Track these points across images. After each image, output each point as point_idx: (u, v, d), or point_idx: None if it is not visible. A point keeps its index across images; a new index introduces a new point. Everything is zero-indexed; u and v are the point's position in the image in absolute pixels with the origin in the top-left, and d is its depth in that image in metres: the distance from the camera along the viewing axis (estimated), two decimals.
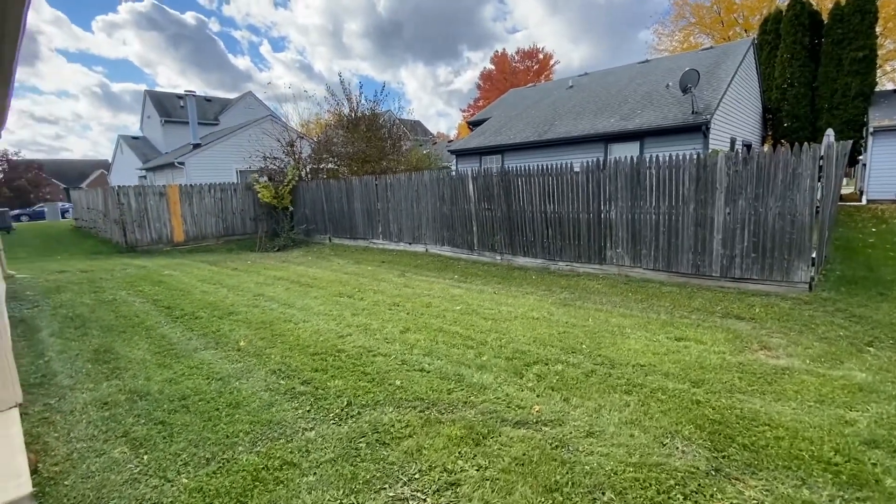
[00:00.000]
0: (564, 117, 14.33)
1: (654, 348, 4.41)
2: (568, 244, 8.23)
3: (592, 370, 3.91)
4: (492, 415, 3.14)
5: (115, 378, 3.74)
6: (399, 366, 4.04)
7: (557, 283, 7.50)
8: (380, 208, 12.17)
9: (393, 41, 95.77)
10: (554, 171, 8.22)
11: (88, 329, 5.15)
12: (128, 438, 2.81)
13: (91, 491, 2.30)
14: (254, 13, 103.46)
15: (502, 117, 17.11)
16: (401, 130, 18.03)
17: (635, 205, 7.27)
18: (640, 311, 5.83)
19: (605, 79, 16.51)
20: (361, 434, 2.87)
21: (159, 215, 14.39)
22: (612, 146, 12.26)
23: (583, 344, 4.59)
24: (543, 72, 38.65)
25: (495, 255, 9.51)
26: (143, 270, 9.72)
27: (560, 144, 13.19)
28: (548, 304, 6.31)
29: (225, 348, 4.52)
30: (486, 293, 7.06)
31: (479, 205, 9.65)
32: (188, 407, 3.20)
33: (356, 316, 5.72)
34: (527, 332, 5.01)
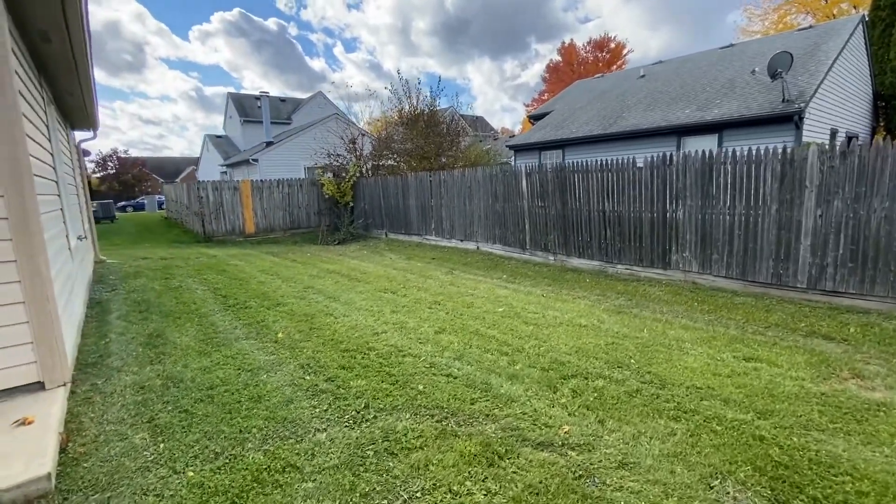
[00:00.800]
0: (633, 109, 13.36)
1: (716, 368, 3.86)
2: (628, 246, 7.60)
3: (638, 389, 3.49)
4: (513, 432, 2.87)
5: (157, 363, 3.95)
6: (426, 369, 3.87)
7: (613, 288, 6.95)
8: (433, 205, 12.12)
9: (460, 37, 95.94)
10: (614, 166, 7.62)
11: (150, 314, 5.55)
12: (151, 425, 2.90)
13: (105, 476, 2.38)
14: (328, 16, 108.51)
15: (565, 110, 16.36)
16: (460, 126, 17.87)
17: (706, 204, 6.52)
18: (705, 323, 5.20)
19: (682, 66, 15.17)
20: (372, 441, 2.74)
21: (233, 208, 15.44)
22: (685, 140, 11.22)
23: (632, 358, 4.14)
24: (615, 62, 36.58)
25: (548, 255, 9.06)
26: (213, 260, 10.42)
27: (627, 138, 12.31)
28: (599, 310, 5.84)
29: (263, 339, 4.63)
30: (533, 295, 6.70)
31: (533, 202, 9.23)
32: (213, 397, 3.27)
33: (395, 313, 5.65)
34: (570, 340, 4.63)
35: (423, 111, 16.40)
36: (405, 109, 16.74)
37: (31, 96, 3.67)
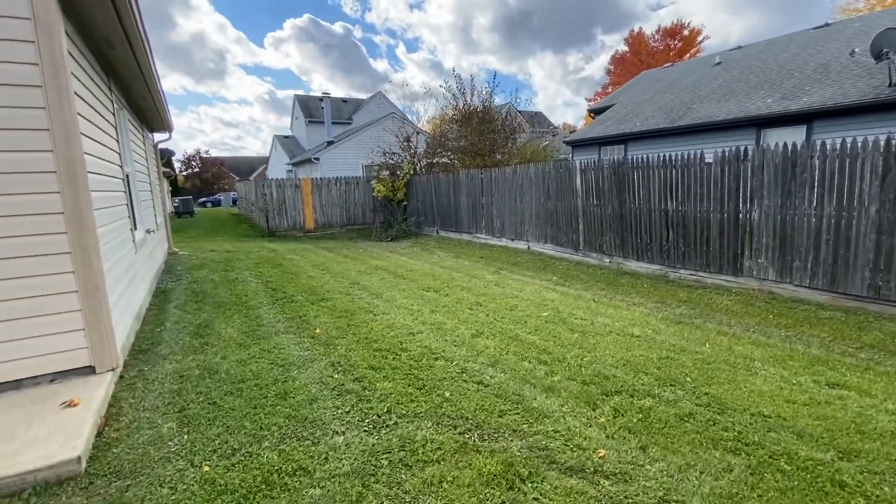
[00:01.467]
0: (706, 100, 12.26)
1: (790, 394, 3.34)
2: (693, 249, 6.93)
3: (691, 413, 3.09)
4: (541, 452, 2.62)
5: (200, 353, 4.11)
6: (457, 374, 3.70)
7: (675, 296, 6.37)
8: (484, 202, 11.89)
9: (521, 32, 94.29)
10: (679, 162, 6.97)
11: (204, 304, 5.85)
12: (181, 415, 2.99)
13: (129, 463, 2.46)
14: (391, 17, 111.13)
15: (629, 103, 15.40)
16: (516, 122, 17.43)
17: (787, 204, 5.75)
18: (780, 339, 4.58)
19: (765, 51, 13.70)
20: (388, 449, 2.61)
21: (294, 205, 16.17)
22: (766, 132, 10.08)
23: (688, 376, 3.70)
24: (688, 50, 34.00)
25: (603, 256, 8.52)
26: (272, 254, 10.93)
27: (697, 131, 11.31)
28: (656, 319, 5.35)
29: (302, 334, 4.69)
30: (582, 300, 6.30)
31: (587, 200, 8.72)
32: (242, 391, 3.31)
33: (434, 313, 5.53)
34: (619, 351, 4.25)
35: (476, 108, 16.18)
36: (459, 106, 16.62)
37: (95, 98, 3.94)
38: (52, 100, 2.94)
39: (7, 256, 2.95)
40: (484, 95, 16.29)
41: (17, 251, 2.97)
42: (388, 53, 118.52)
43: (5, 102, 2.85)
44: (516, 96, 44.50)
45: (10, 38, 2.81)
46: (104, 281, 3.29)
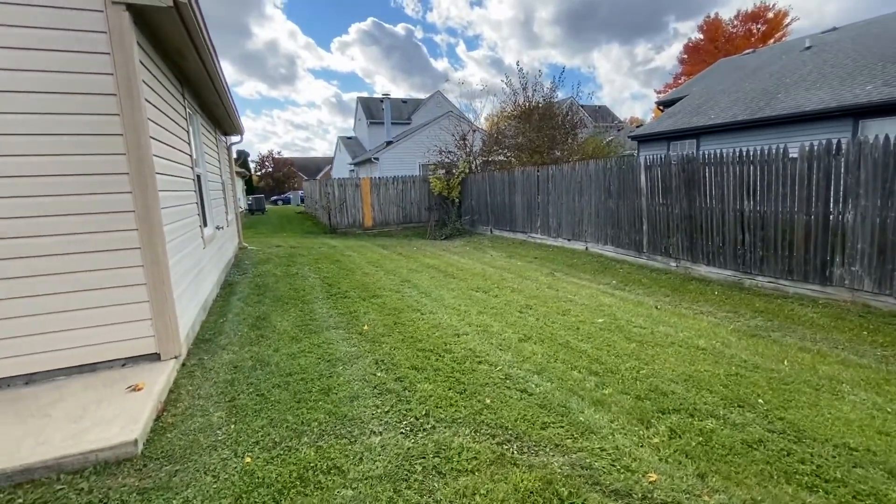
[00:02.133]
0: (793, 88, 11.06)
1: (884, 424, 2.89)
2: (772, 254, 6.26)
3: (762, 439, 2.75)
4: (584, 470, 2.44)
5: (255, 345, 4.31)
6: (500, 380, 3.58)
7: (749, 305, 5.79)
8: (540, 201, 11.55)
9: (585, 23, 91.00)
10: (758, 157, 6.32)
11: (264, 297, 6.17)
12: (231, 404, 3.13)
13: (180, 449, 2.60)
14: (452, 15, 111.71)
15: (702, 94, 14.28)
16: (577, 118, 16.79)
17: (888, 205, 5.01)
18: (875, 360, 4.00)
19: (865, 32, 12.10)
20: (423, 454, 2.56)
21: (354, 203, 16.73)
22: (865, 123, 8.90)
23: (760, 397, 3.32)
24: (773, 35, 30.91)
25: (669, 260, 7.95)
26: (332, 250, 11.35)
27: (781, 123, 10.24)
28: (726, 330, 4.89)
29: (350, 330, 4.78)
30: (643, 306, 5.90)
31: (652, 199, 8.18)
32: (289, 385, 3.42)
33: (482, 314, 5.42)
34: (680, 365, 3.91)
35: (537, 104, 15.77)
36: (519, 102, 16.30)
37: (167, 104, 4.26)
38: (125, 106, 3.19)
39: (85, 251, 3.26)
40: (545, 90, 15.85)
41: (93, 246, 3.27)
42: (449, 52, 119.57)
43: (85, 109, 3.14)
44: (578, 90, 42.89)
45: (88, 51, 3.09)
46: (170, 274, 3.54)
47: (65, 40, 3.06)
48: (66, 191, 3.17)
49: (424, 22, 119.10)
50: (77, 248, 3.24)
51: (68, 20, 3.06)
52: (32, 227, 3.12)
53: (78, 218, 3.22)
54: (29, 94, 3.03)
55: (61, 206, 3.17)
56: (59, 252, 3.20)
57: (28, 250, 3.13)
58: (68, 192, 3.18)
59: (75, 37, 3.08)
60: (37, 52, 3.02)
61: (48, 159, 3.12)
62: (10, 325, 3.13)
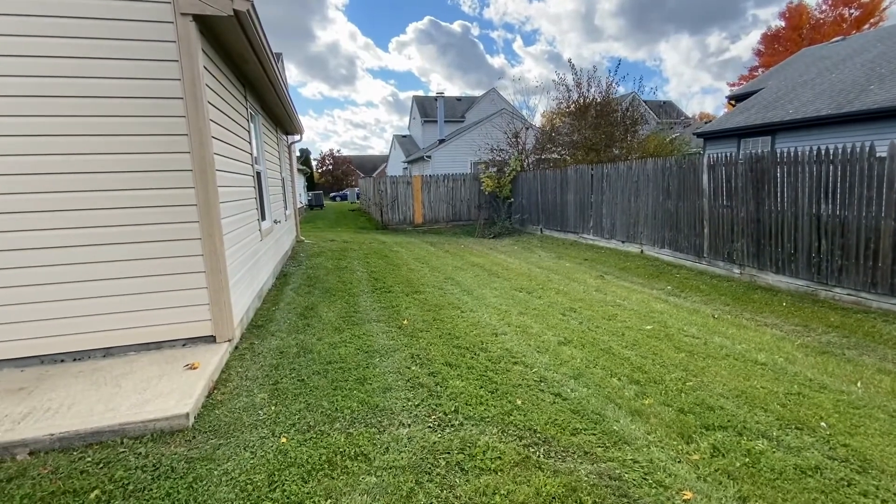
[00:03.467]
0: (889, 79, 9.87)
1: None
2: (853, 264, 5.65)
3: (818, 466, 2.51)
4: (612, 481, 2.35)
5: (301, 333, 4.55)
6: (534, 383, 3.52)
7: (823, 319, 5.28)
8: (593, 201, 11.17)
9: (651, 13, 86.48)
10: (839, 156, 5.73)
11: (314, 289, 6.47)
12: (274, 387, 3.33)
13: (225, 425, 2.81)
14: (510, 11, 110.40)
15: (779, 87, 13.11)
16: (638, 114, 16.00)
17: None
18: None
19: None
20: (448, 449, 2.59)
21: (406, 200, 17.06)
22: None
23: (823, 420, 3.02)
24: (868, 20, 27.63)
25: (732, 266, 7.40)
26: (382, 245, 11.67)
27: (873, 119, 9.19)
28: (792, 345, 4.49)
29: (391, 324, 4.90)
30: (698, 315, 5.56)
31: (715, 201, 7.65)
32: (328, 372, 3.57)
33: (522, 315, 5.35)
34: (733, 379, 3.65)
35: (594, 99, 15.22)
36: (574, 98, 15.81)
37: (229, 106, 4.58)
38: (190, 109, 3.48)
39: (153, 240, 3.60)
40: (604, 85, 15.24)
41: (161, 235, 3.60)
42: (505, 48, 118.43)
43: (156, 112, 3.47)
44: (641, 85, 40.83)
45: (160, 59, 3.40)
46: (226, 264, 3.82)
47: (141, 50, 3.40)
48: (137, 185, 3.52)
49: (481, 18, 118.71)
50: (147, 236, 3.59)
51: (144, 31, 3.39)
52: (111, 217, 3.49)
53: (148, 210, 3.56)
54: (111, 98, 3.39)
55: (133, 199, 3.53)
56: (131, 241, 3.56)
57: (107, 237, 3.51)
58: (139, 187, 3.53)
59: (149, 46, 3.41)
60: (118, 61, 3.37)
61: (124, 157, 3.47)
62: (91, 304, 3.53)
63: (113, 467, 2.42)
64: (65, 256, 3.44)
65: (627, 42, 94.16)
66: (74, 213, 3.42)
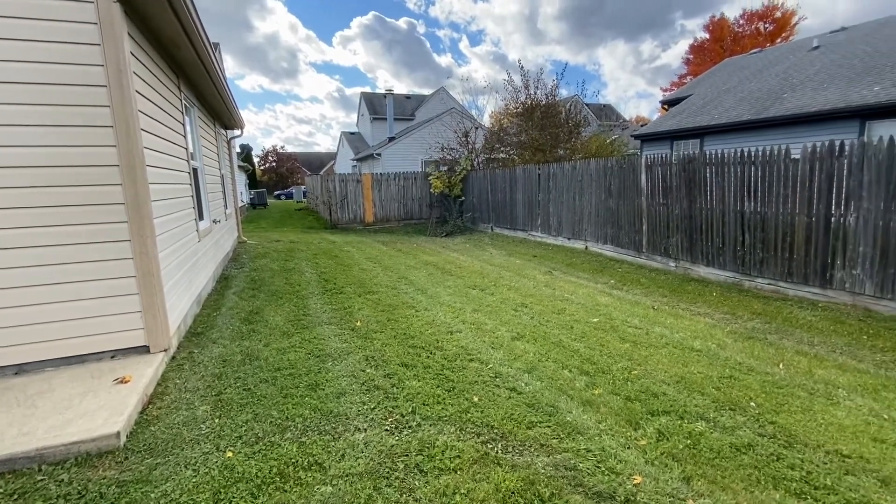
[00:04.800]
0: (799, 88, 10.93)
1: (879, 431, 2.84)
2: (772, 256, 6.19)
3: (751, 443, 2.71)
4: (568, 471, 2.41)
5: (246, 339, 4.30)
6: (490, 379, 3.55)
7: (748, 307, 5.73)
8: (540, 199, 11.50)
9: (591, 19, 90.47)
10: (760, 158, 6.25)
11: (259, 292, 6.16)
12: (217, 398, 3.12)
13: (162, 443, 2.59)
14: (455, 10, 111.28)
15: (707, 93, 14.15)
16: (580, 116, 16.67)
17: (892, 208, 4.93)
18: (874, 365, 3.94)
19: (876, 33, 11.93)
20: (406, 452, 2.54)
21: (356, 199, 16.70)
22: (872, 124, 8.79)
23: (753, 400, 3.28)
24: (780, 34, 30.58)
25: (668, 260, 7.89)
26: (331, 245, 11.35)
27: (787, 124, 10.13)
28: (722, 332, 4.83)
29: (343, 326, 4.76)
30: (640, 307, 5.86)
31: (652, 199, 8.11)
32: (276, 379, 3.40)
33: (476, 312, 5.39)
34: (673, 366, 3.87)
35: (539, 101, 15.66)
36: (521, 100, 16.19)
37: (160, 96, 4.24)
38: (115, 98, 3.17)
39: (74, 242, 3.25)
40: (548, 88, 15.73)
41: (82, 237, 3.26)
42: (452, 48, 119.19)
43: (74, 101, 3.13)
44: (583, 88, 42.56)
45: (79, 42, 3.07)
46: (159, 267, 3.52)
47: (57, 32, 3.05)
48: (54, 182, 3.16)
49: (427, 16, 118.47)
50: (66, 239, 3.23)
51: (60, 12, 3.04)
52: (22, 217, 3.11)
53: (67, 209, 3.21)
54: (17, 84, 3.02)
55: (50, 198, 3.16)
56: (48, 243, 3.19)
57: (17, 241, 3.12)
58: (57, 184, 3.17)
59: (66, 28, 3.06)
60: (30, 43, 3.01)
61: (38, 150, 3.10)
62: None
63: (29, 498, 2.16)
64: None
65: (569, 46, 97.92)
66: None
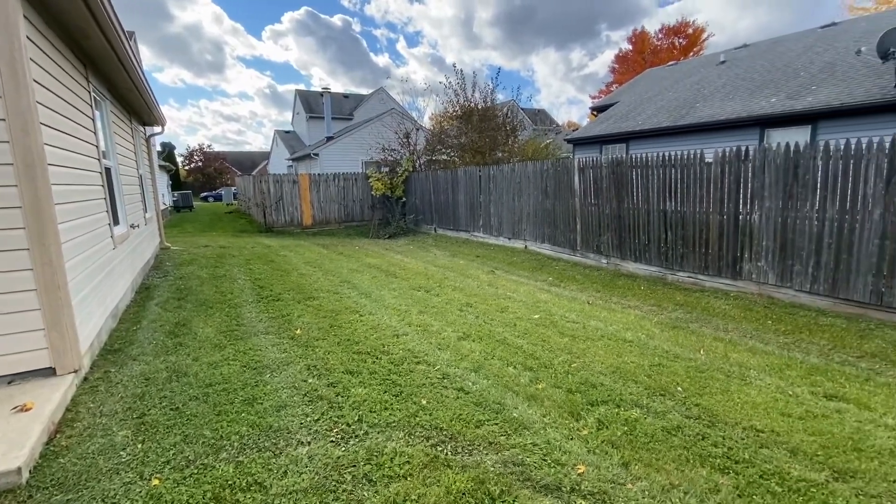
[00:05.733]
0: (710, 98, 12.03)
1: (786, 406, 3.17)
2: (691, 251, 6.75)
3: (680, 426, 2.92)
4: (516, 467, 2.46)
5: (172, 354, 3.96)
6: (437, 380, 3.54)
7: (672, 299, 6.19)
8: (481, 200, 11.71)
9: (524, 27, 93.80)
10: (679, 161, 6.78)
11: (186, 302, 5.71)
12: (140, 421, 2.84)
13: (74, 475, 2.31)
14: (392, 10, 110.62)
15: (631, 101, 15.16)
16: (517, 120, 17.21)
17: (788, 206, 5.56)
18: (778, 347, 4.40)
19: (771, 50, 13.43)
20: (353, 462, 2.46)
21: (292, 200, 16.02)
22: (770, 132, 9.86)
23: (679, 385, 3.53)
24: (692, 49, 33.59)
25: (601, 257, 8.34)
26: (266, 250, 10.79)
27: (700, 131, 11.10)
28: (650, 323, 5.18)
29: (282, 335, 4.54)
30: (576, 302, 6.14)
31: (585, 199, 8.54)
32: (208, 396, 3.16)
33: (422, 314, 5.37)
34: (609, 357, 4.08)
35: (477, 105, 15.96)
36: (460, 103, 16.41)
37: (65, 87, 3.79)
38: (9, 87, 2.78)
39: None
40: (485, 92, 16.08)
41: None
42: (389, 48, 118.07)
43: None
44: (518, 93, 43.98)
45: None
46: (66, 279, 3.14)
47: None
48: None
49: (363, 15, 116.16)
50: None
51: None
52: None
53: None
54: None
55: None
56: None
57: None
58: None
59: None
60: None
61: None
62: None
63: None
64: None
65: (504, 52, 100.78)
66: None
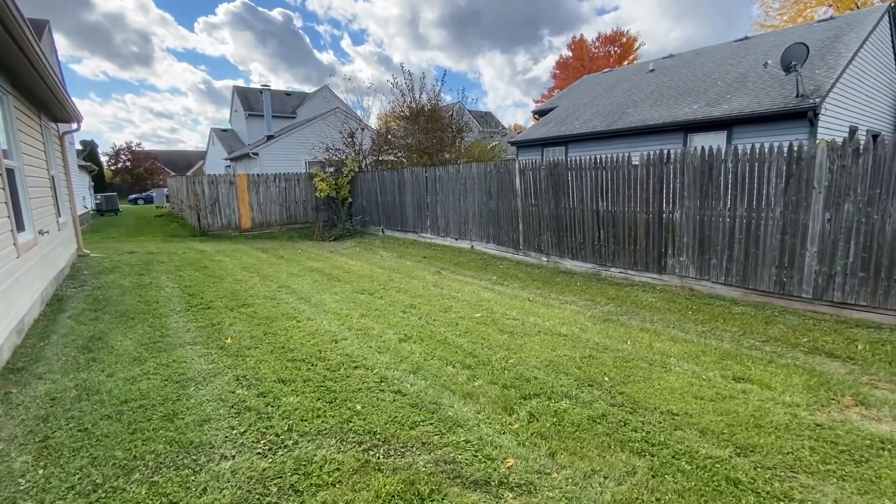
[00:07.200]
0: (639, 104, 12.78)
1: (699, 390, 3.43)
2: (622, 248, 7.14)
3: (604, 414, 3.08)
4: (448, 465, 2.49)
5: (83, 370, 3.65)
6: (374, 384, 3.51)
7: (605, 293, 6.51)
8: (429, 201, 11.75)
9: (469, 29, 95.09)
10: (609, 163, 7.15)
11: (104, 314, 5.28)
12: (42, 445, 2.59)
13: None
14: (335, 6, 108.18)
15: (570, 106, 15.81)
16: (463, 122, 17.42)
17: (705, 205, 6.03)
18: (696, 335, 4.75)
19: (694, 60, 14.51)
20: (279, 473, 2.38)
21: (229, 202, 15.23)
22: (692, 137, 10.64)
23: (607, 375, 3.72)
24: (626, 57, 35.63)
25: (541, 256, 8.62)
26: (199, 255, 10.20)
27: (631, 135, 11.76)
28: (584, 317, 5.42)
29: (210, 345, 4.31)
30: (518, 300, 6.30)
31: (526, 200, 8.80)
32: (122, 414, 2.95)
33: (364, 317, 5.30)
34: (544, 352, 4.23)
35: (424, 106, 15.99)
36: (407, 103, 16.36)
37: None
38: None
39: None
40: (433, 92, 16.13)
41: None
42: (333, 45, 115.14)
43: None
44: (465, 95, 44.52)
45: None
46: (21, 287, 2.81)
47: None
48: None
49: (304, 10, 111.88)
50: None
51: None
52: None
53: None
54: None
55: None
56: None
57: None
58: None
59: None
60: None
61: None
62: None
63: None
64: None
65: (450, 53, 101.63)
66: None
